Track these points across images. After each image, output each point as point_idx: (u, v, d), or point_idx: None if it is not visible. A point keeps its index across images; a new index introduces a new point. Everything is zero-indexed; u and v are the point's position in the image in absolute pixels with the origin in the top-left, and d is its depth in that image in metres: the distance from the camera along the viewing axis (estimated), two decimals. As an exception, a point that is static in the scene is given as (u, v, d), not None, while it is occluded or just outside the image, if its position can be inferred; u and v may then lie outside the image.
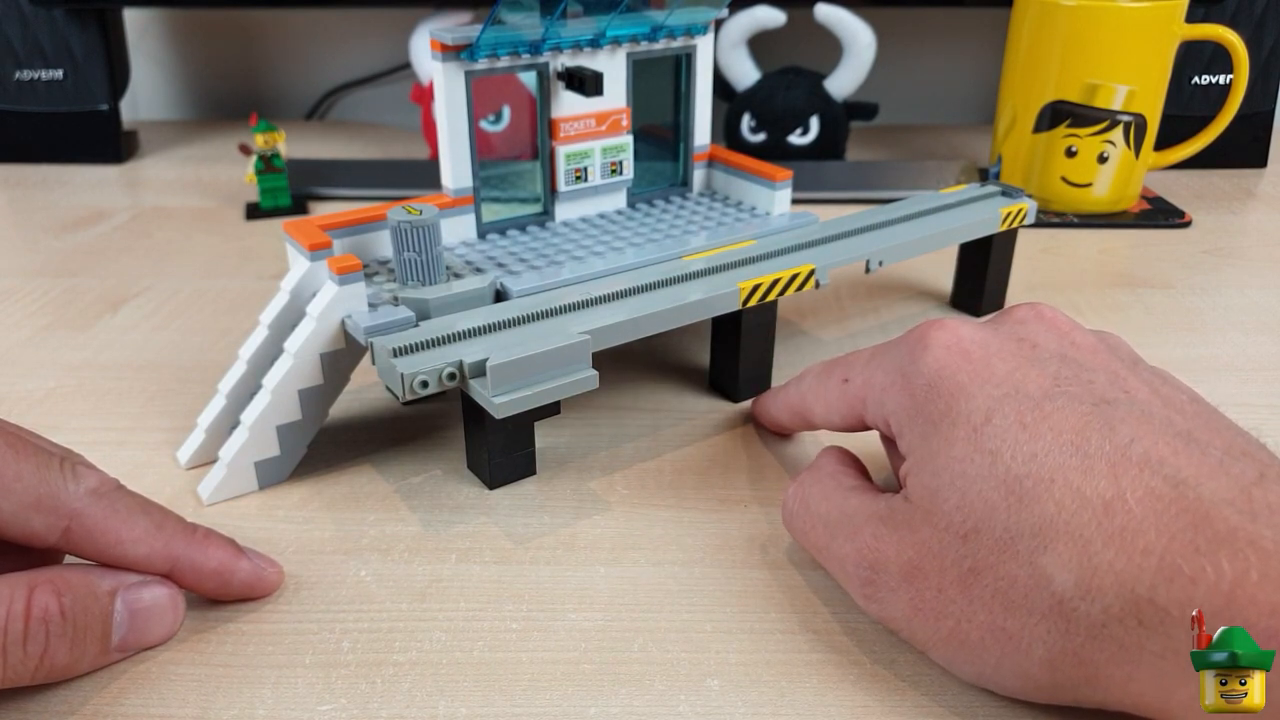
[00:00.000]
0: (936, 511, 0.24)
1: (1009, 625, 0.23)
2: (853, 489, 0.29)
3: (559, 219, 0.43)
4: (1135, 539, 0.21)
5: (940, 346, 0.27)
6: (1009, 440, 0.24)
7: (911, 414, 0.27)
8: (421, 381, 0.31)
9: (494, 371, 0.31)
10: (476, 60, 0.37)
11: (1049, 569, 0.22)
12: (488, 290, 0.36)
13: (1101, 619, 0.21)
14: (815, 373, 0.34)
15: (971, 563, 0.23)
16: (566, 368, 0.33)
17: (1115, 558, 0.21)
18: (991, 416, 0.24)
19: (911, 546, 0.25)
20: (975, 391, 0.25)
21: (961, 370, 0.26)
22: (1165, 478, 0.22)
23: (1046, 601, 0.22)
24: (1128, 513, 0.21)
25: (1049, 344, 0.27)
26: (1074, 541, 0.22)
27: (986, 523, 0.23)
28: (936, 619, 0.24)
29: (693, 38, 0.43)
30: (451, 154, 0.39)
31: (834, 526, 0.28)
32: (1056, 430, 0.23)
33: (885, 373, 0.29)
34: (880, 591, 0.26)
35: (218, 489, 0.34)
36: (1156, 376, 0.27)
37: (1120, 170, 0.61)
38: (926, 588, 0.24)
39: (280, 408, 0.34)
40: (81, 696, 0.26)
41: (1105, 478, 0.22)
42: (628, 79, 0.42)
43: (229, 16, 0.89)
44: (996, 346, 0.27)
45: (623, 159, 0.43)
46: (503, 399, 0.31)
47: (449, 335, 0.33)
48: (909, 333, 0.29)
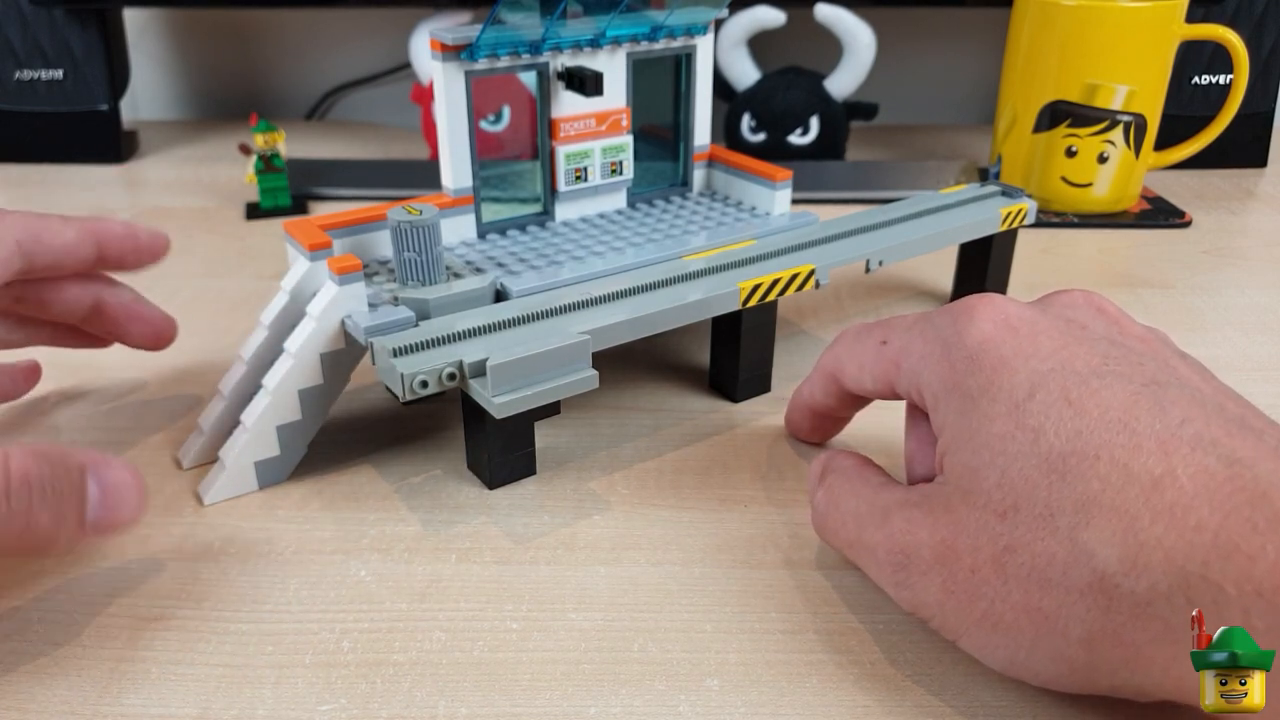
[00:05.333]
0: (975, 490, 0.24)
1: (1045, 604, 0.22)
2: (881, 484, 0.28)
3: (559, 219, 0.43)
4: (1187, 515, 0.20)
5: (985, 320, 0.26)
6: (1053, 417, 0.23)
7: (950, 386, 0.26)
8: (421, 381, 0.31)
9: (494, 371, 0.31)
10: (476, 60, 0.37)
11: (1091, 544, 0.21)
12: (488, 290, 0.36)
13: (1147, 596, 0.20)
14: (853, 333, 0.33)
15: (1008, 540, 0.23)
16: (566, 368, 0.33)
17: (1165, 533, 0.20)
18: (1035, 392, 0.24)
19: (946, 527, 0.24)
20: (1019, 366, 0.25)
21: (1006, 344, 0.25)
22: (1219, 457, 0.21)
23: (1086, 578, 0.21)
24: (1179, 489, 0.21)
25: (1098, 327, 0.27)
26: (1119, 517, 0.21)
27: (1026, 500, 0.23)
28: (969, 601, 0.24)
29: (692, 38, 0.43)
30: (451, 154, 0.39)
31: (863, 519, 0.27)
32: (1104, 407, 0.23)
33: (925, 341, 0.28)
34: (912, 577, 0.25)
35: (218, 489, 0.34)
36: (1200, 367, 0.26)
37: (1120, 170, 0.61)
38: (960, 569, 0.24)
39: (280, 408, 0.34)
40: (81, 696, 0.26)
41: (1155, 455, 0.21)
42: (628, 79, 0.42)
43: (229, 16, 0.89)
44: (1045, 325, 0.26)
45: (623, 159, 0.43)
46: (503, 399, 0.31)
47: (449, 335, 0.33)
48: (955, 304, 0.28)
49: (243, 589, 0.30)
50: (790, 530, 0.33)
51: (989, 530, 0.23)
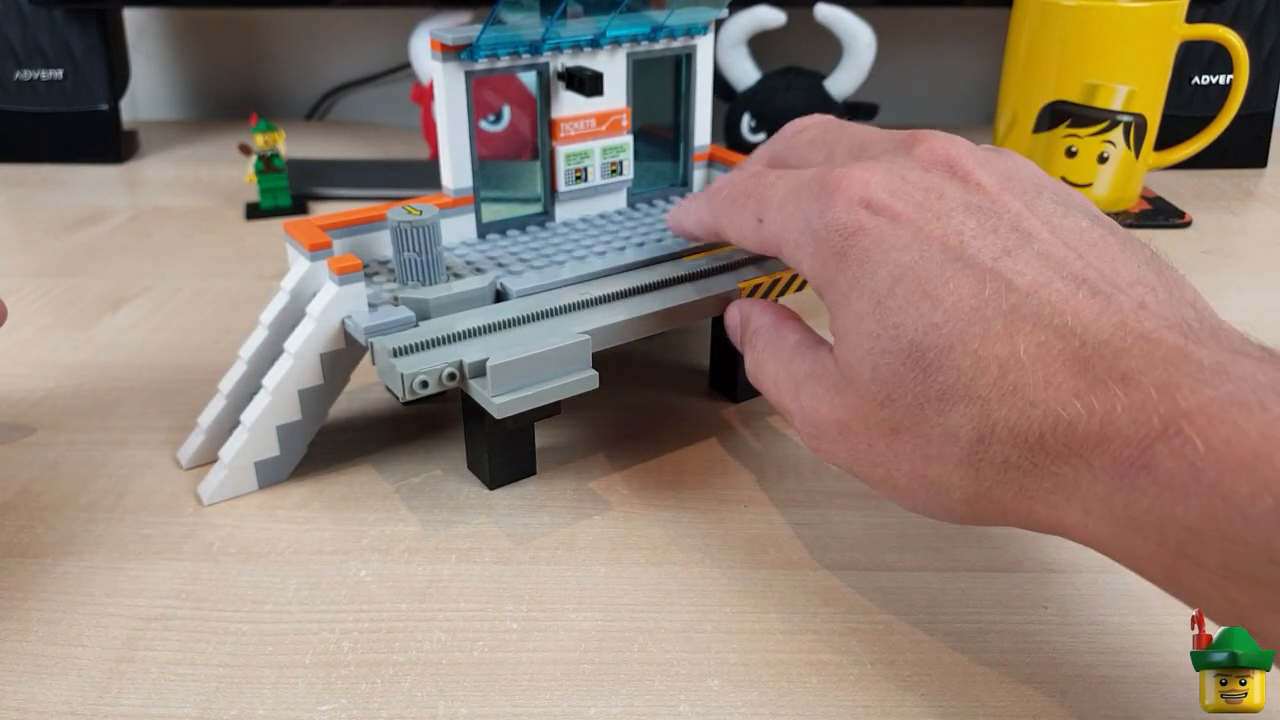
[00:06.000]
0: (855, 381, 0.26)
1: (929, 473, 0.25)
2: (795, 347, 0.30)
3: (559, 219, 0.43)
4: (1025, 393, 0.23)
5: (846, 203, 0.27)
6: (911, 312, 0.25)
7: (824, 282, 0.28)
8: (421, 381, 0.31)
9: (494, 372, 0.31)
10: (476, 60, 0.37)
11: (954, 428, 0.24)
12: (488, 290, 0.36)
13: (1003, 465, 0.24)
14: (726, 198, 0.34)
15: (892, 424, 0.26)
16: (566, 368, 0.33)
17: (1009, 414, 0.23)
18: (895, 287, 0.26)
19: (840, 409, 0.27)
20: (880, 259, 0.26)
21: (868, 233, 0.27)
22: (1055, 329, 0.23)
23: (956, 454, 0.24)
24: (1020, 369, 0.23)
25: (954, 194, 0.27)
26: (973, 403, 0.24)
27: (898, 391, 0.25)
28: (870, 466, 0.27)
29: (692, 38, 0.43)
30: (451, 154, 0.39)
31: (781, 386, 0.30)
32: (957, 295, 0.25)
33: (796, 227, 0.29)
34: (823, 444, 0.28)
35: (218, 489, 0.34)
36: (1058, 209, 0.27)
37: (1120, 170, 0.61)
38: (858, 443, 0.27)
39: (280, 408, 0.34)
40: (81, 696, 0.26)
41: (1001, 339, 0.24)
42: (628, 79, 0.42)
43: (229, 16, 0.89)
44: (903, 205, 0.27)
45: (623, 159, 0.43)
46: (503, 399, 0.31)
47: (449, 335, 0.33)
48: (820, 175, 0.29)
49: (243, 589, 0.30)
50: (790, 530, 0.33)
51: (874, 415, 0.26)
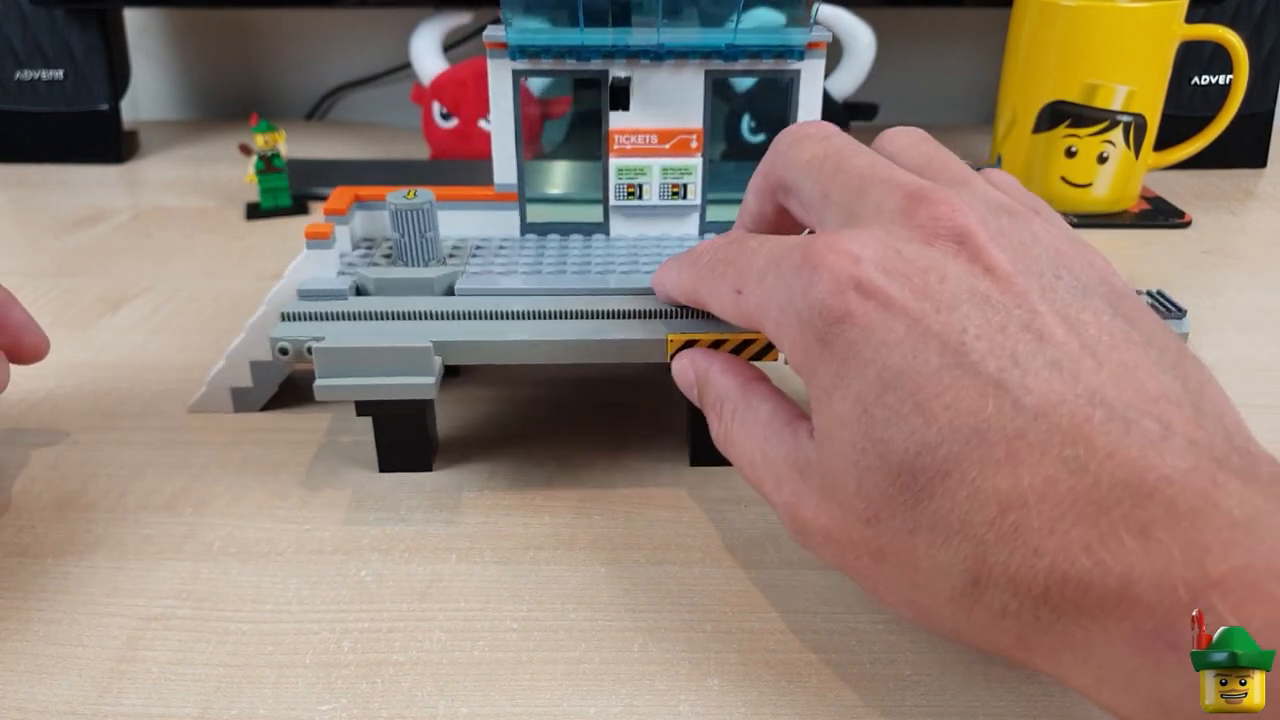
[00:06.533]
0: (839, 491, 0.24)
1: (919, 600, 0.23)
2: (769, 422, 0.27)
3: (614, 234, 0.41)
4: (1028, 538, 0.20)
5: (833, 279, 0.24)
6: (903, 427, 0.22)
7: (807, 369, 0.25)
8: (282, 348, 0.33)
9: (319, 355, 0.32)
10: (516, 60, 0.38)
11: (946, 564, 0.22)
12: (436, 280, 0.36)
13: (1000, 612, 0.21)
14: (708, 261, 0.30)
15: (878, 544, 0.23)
16: (404, 369, 0.33)
17: (1009, 559, 0.21)
18: (884, 394, 0.22)
19: (824, 516, 0.25)
20: (870, 357, 0.23)
21: (855, 322, 0.23)
22: (1064, 462, 0.20)
23: (946, 592, 0.22)
24: (1023, 508, 0.21)
25: (959, 277, 0.23)
26: (968, 542, 0.21)
27: (885, 513, 0.23)
28: (856, 576, 0.25)
29: (787, 61, 0.38)
30: (499, 150, 0.39)
31: (760, 470, 0.27)
32: (954, 411, 0.22)
33: (777, 304, 0.26)
34: (809, 541, 0.26)
35: (197, 402, 0.40)
36: (1077, 297, 0.24)
37: (1120, 170, 0.61)
38: (844, 554, 0.25)
39: (253, 345, 0.39)
40: (81, 696, 0.26)
41: (1003, 469, 0.21)
42: (706, 98, 0.39)
43: (229, 16, 0.89)
44: (897, 288, 0.23)
45: (688, 182, 0.40)
46: (324, 383, 0.33)
47: (348, 314, 0.34)
48: (803, 245, 0.25)
49: (243, 589, 0.30)
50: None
51: (858, 533, 0.24)
